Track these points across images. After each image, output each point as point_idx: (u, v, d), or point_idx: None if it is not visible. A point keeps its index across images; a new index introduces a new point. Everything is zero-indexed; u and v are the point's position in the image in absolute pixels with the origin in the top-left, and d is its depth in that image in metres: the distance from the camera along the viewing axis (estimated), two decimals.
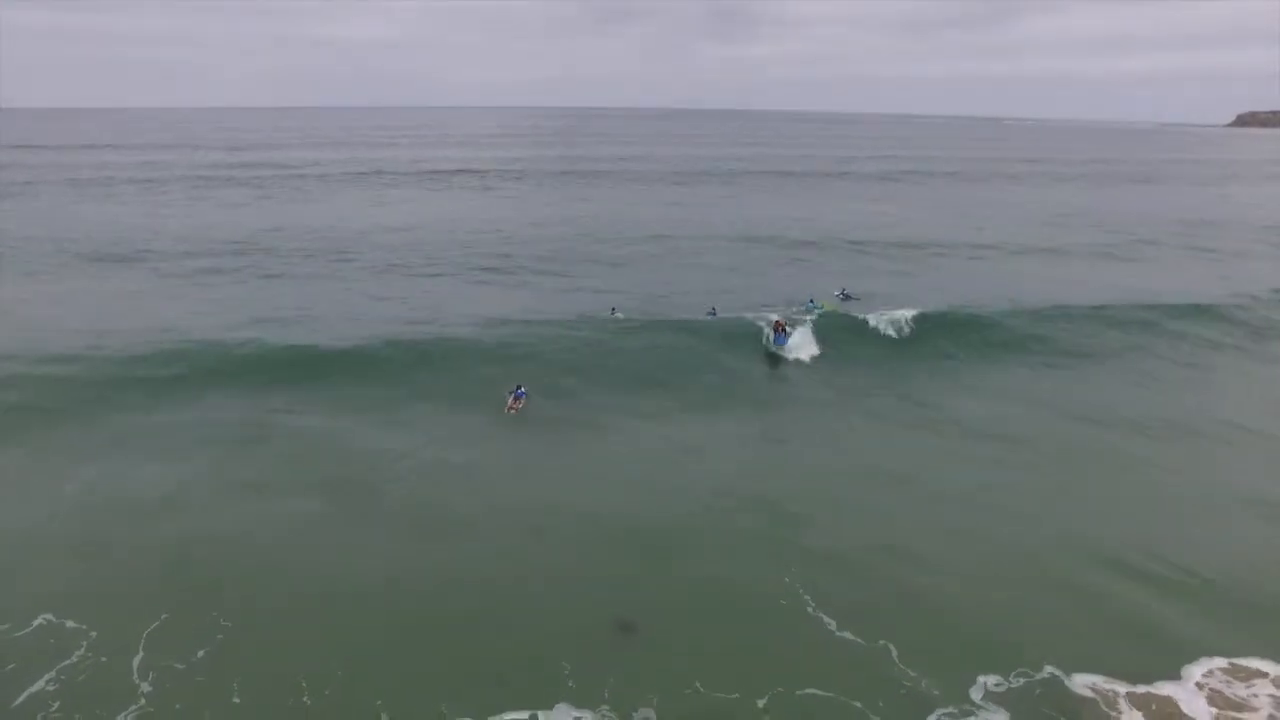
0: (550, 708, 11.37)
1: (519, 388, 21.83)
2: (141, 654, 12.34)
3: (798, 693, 11.84)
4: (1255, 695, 11.66)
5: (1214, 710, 11.37)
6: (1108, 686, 11.96)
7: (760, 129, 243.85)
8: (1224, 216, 62.32)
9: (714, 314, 29.63)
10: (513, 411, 21.26)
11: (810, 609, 13.79)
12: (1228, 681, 11.94)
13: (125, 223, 47.78)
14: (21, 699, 11.34)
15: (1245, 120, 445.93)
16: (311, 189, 67.79)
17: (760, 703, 11.65)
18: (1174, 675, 12.11)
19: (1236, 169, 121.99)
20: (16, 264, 36.48)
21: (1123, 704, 11.66)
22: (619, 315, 29.19)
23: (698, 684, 12.00)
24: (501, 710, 11.32)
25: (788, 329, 26.61)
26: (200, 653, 12.42)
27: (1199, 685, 11.86)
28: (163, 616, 13.23)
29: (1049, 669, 12.31)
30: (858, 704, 11.62)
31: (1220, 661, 12.30)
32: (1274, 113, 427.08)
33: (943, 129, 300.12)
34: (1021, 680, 12.12)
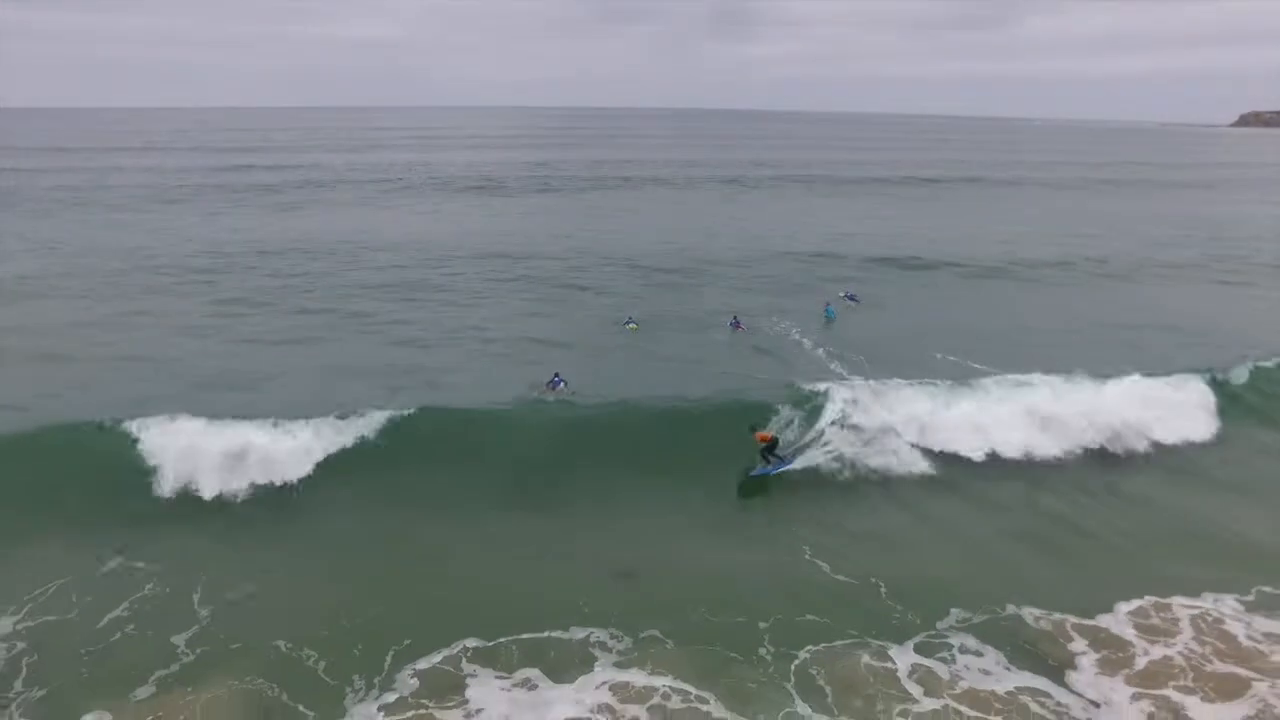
0: (565, 629, 13.11)
1: (556, 376, 21.92)
2: (199, 590, 14.13)
3: (797, 619, 13.68)
4: (1174, 624, 13.53)
5: (1140, 635, 13.22)
6: (1058, 618, 13.82)
7: (767, 130, 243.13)
8: None
9: (736, 324, 28.91)
10: (544, 393, 21.34)
11: (807, 556, 15.75)
12: (1150, 614, 13.82)
13: (126, 234, 45.83)
14: (104, 621, 13.21)
15: (1248, 120, 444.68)
16: (316, 195, 65.91)
17: (763, 625, 13.47)
18: (1109, 610, 13.95)
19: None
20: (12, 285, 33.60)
21: (1070, 631, 13.54)
22: (632, 325, 28.81)
23: (704, 610, 13.82)
24: (518, 633, 13.06)
25: (779, 451, 19.15)
26: (249, 589, 14.25)
27: (1129, 616, 13.75)
28: (213, 559, 15.08)
29: (1010, 607, 14.20)
30: (853, 631, 13.47)
31: (1148, 599, 14.19)
32: (1277, 113, 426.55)
33: (972, 130, 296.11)
34: (985, 616, 13.99)
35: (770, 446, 18.97)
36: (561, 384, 21.65)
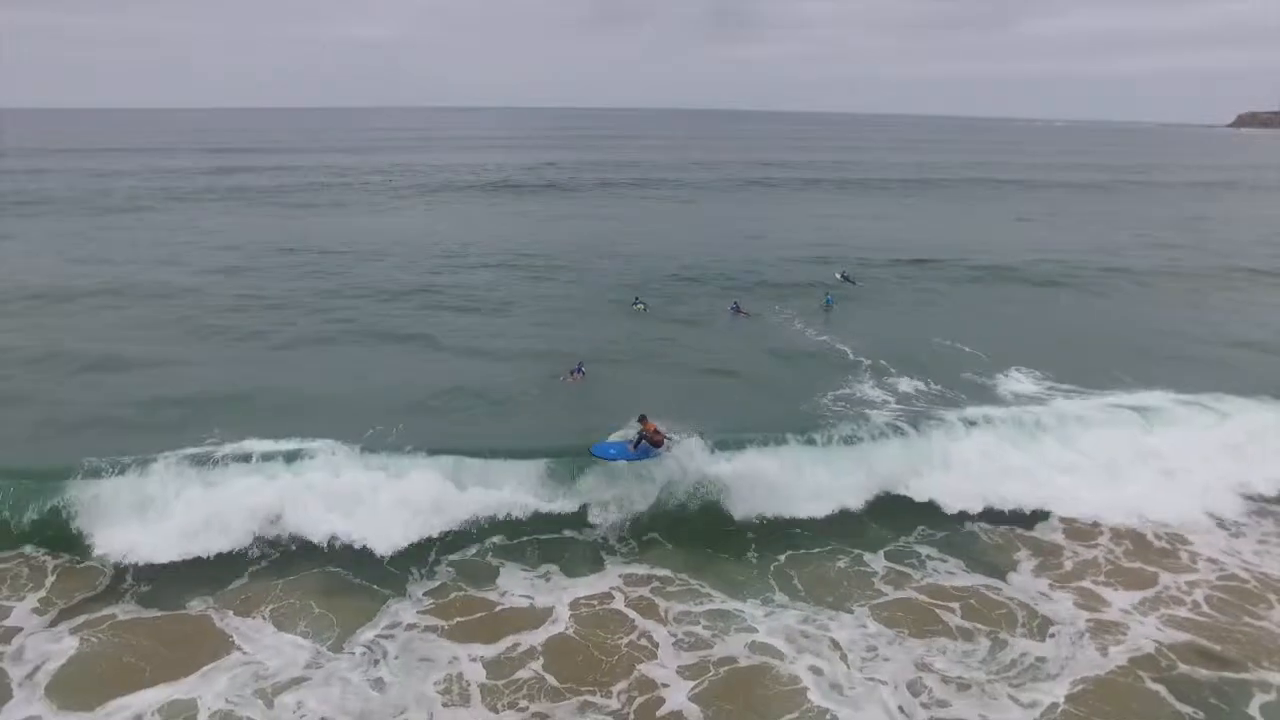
0: (580, 531, 15.71)
1: (580, 365, 23.30)
2: None
3: (780, 530, 16.30)
4: (1096, 530, 16.12)
5: (1067, 539, 15.74)
6: (1004, 528, 16.52)
7: (769, 131, 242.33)
8: None
9: (737, 309, 30.42)
10: (569, 382, 22.71)
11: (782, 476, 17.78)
12: (1074, 523, 16.51)
13: (143, 238, 44.26)
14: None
15: (1245, 120, 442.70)
16: (328, 198, 64.46)
17: (749, 534, 16.08)
18: (1045, 519, 16.55)
19: None
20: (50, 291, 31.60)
21: (1015, 541, 16.16)
22: (639, 306, 30.51)
23: (699, 522, 16.29)
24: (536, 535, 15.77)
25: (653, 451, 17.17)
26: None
27: (1061, 522, 16.41)
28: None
29: (968, 525, 16.77)
30: (834, 541, 16.09)
31: (1072, 512, 16.76)
32: (1274, 113, 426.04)
33: (980, 131, 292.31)
34: (945, 531, 16.57)
35: (653, 441, 17.04)
36: (583, 371, 23.10)
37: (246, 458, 16.49)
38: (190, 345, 25.77)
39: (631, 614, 13.38)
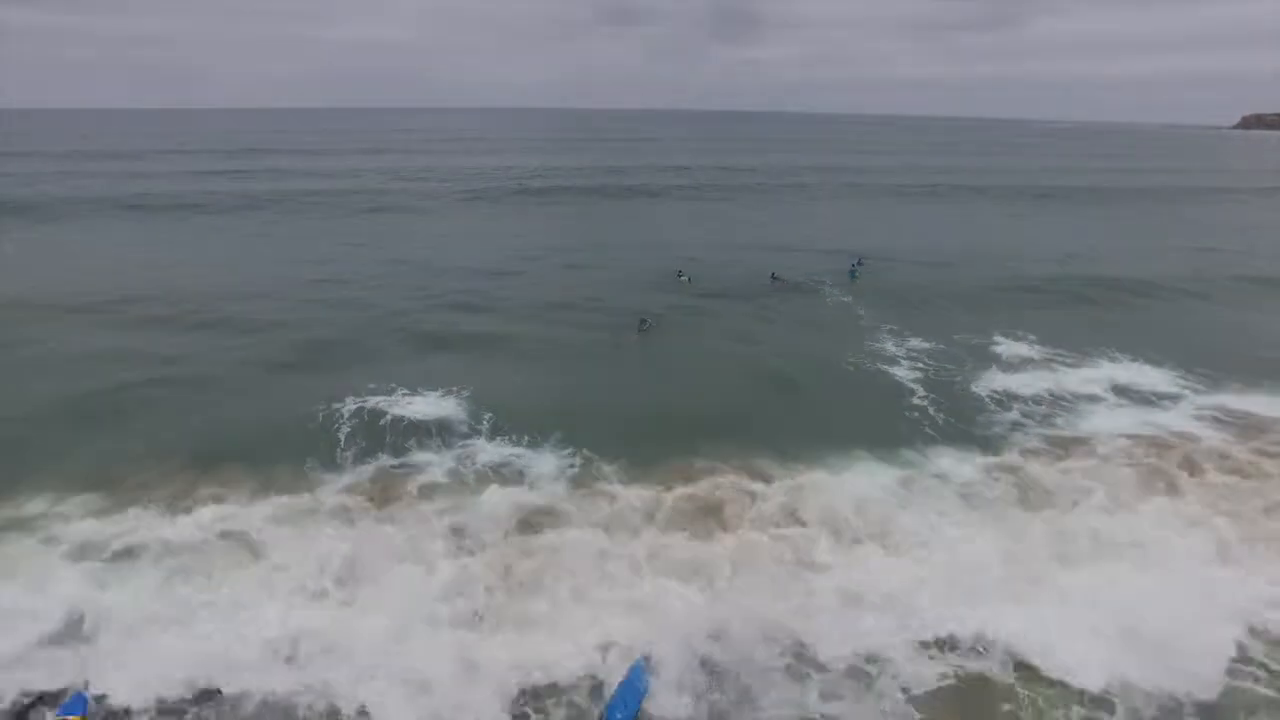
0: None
1: (643, 321, 28.61)
2: None
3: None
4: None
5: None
6: None
7: (777, 132, 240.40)
8: None
9: (775, 278, 35.11)
10: (638, 329, 28.23)
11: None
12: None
13: (132, 258, 42.98)
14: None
15: (1250, 122, 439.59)
16: (357, 204, 65.26)
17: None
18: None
19: None
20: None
21: None
22: (685, 279, 34.50)
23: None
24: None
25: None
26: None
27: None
28: None
29: None
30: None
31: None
32: (1278, 115, 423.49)
33: (997, 131, 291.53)
34: None
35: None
36: (649, 325, 28.35)
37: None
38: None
39: None
